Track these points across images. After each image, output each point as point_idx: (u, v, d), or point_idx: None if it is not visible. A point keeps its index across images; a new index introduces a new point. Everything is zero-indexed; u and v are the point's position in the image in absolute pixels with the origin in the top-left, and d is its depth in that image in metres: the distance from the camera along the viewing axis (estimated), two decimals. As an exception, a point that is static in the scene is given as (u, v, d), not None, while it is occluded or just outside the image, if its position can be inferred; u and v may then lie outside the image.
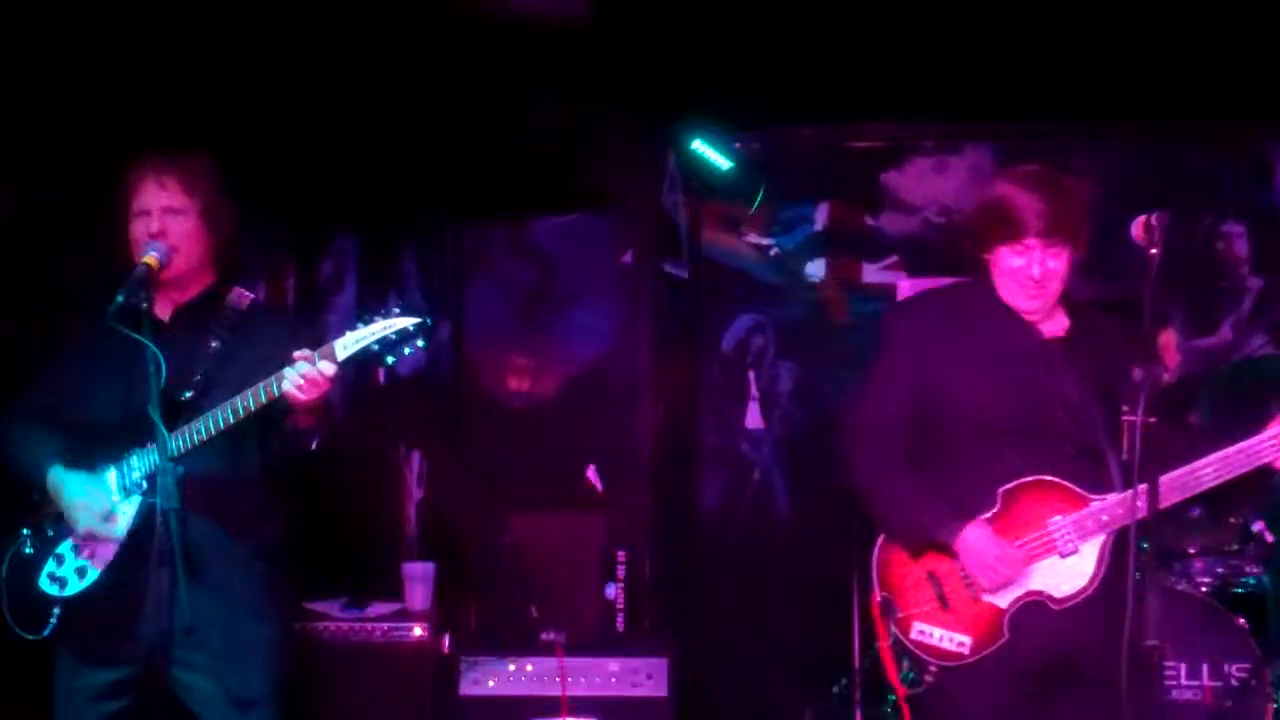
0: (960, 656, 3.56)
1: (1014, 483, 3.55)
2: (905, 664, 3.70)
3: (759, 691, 6.14)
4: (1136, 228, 3.39)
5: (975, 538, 3.54)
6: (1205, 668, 4.89)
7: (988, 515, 3.57)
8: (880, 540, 3.76)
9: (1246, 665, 4.85)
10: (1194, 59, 5.37)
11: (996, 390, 3.58)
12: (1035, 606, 3.53)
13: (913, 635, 3.63)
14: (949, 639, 3.58)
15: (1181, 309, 6.09)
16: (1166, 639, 3.22)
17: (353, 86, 5.40)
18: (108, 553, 3.59)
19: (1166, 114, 5.91)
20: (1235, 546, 5.20)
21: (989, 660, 3.55)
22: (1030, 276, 3.58)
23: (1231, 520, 5.23)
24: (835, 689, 5.74)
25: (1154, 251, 3.33)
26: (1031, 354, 3.62)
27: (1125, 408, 3.36)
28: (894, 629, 3.67)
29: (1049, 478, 3.53)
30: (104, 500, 3.61)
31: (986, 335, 3.65)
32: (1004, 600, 3.54)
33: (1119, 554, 3.49)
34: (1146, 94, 5.69)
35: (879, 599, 3.71)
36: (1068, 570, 3.49)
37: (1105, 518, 3.49)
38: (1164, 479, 3.42)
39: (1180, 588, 5.03)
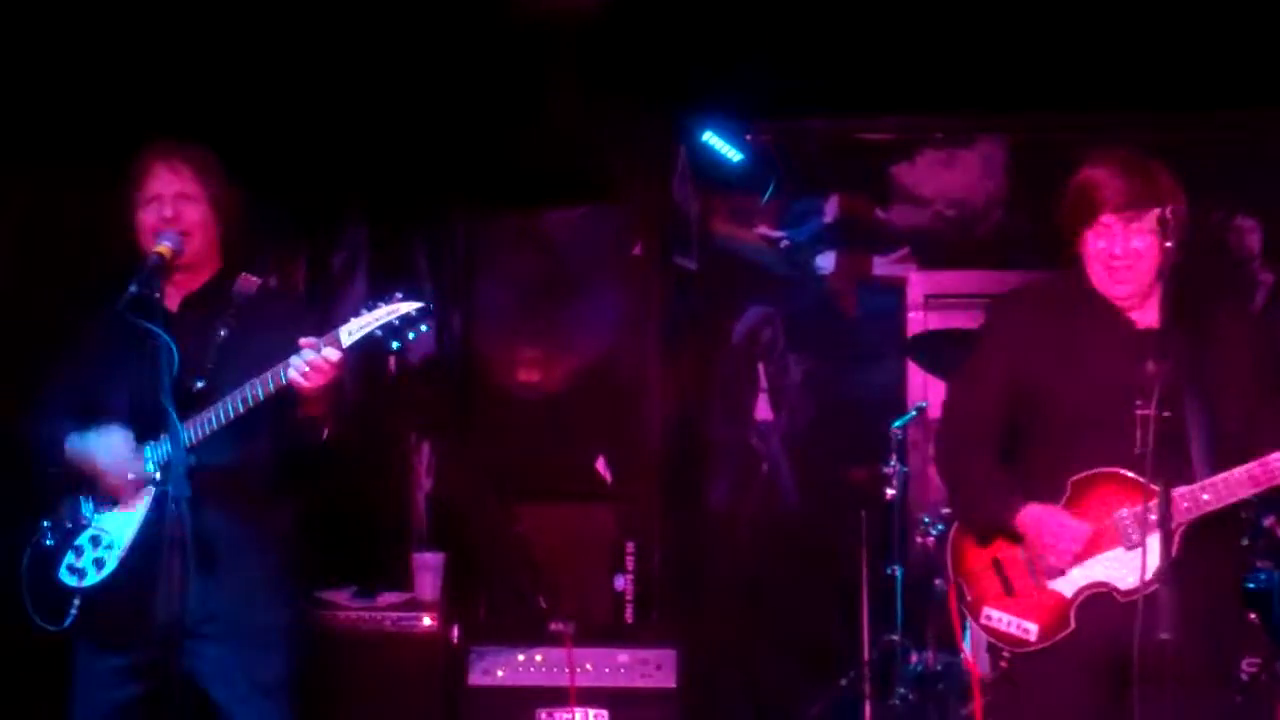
0: (1026, 643, 3.53)
1: (1084, 473, 3.49)
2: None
3: (767, 683, 6.15)
4: (1151, 221, 3.37)
5: (1035, 512, 3.50)
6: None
7: (1057, 505, 3.52)
8: (955, 528, 3.75)
9: (1257, 660, 4.84)
10: (1206, 51, 5.36)
11: (1082, 382, 3.52)
12: (1102, 598, 3.46)
13: (982, 620, 3.61)
14: (1016, 624, 3.55)
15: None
16: (1181, 633, 3.12)
17: (364, 78, 5.40)
18: (125, 537, 3.59)
19: (1178, 106, 5.90)
20: (1245, 541, 5.19)
21: (1057, 649, 3.50)
22: (1112, 255, 3.49)
23: (1242, 515, 5.22)
24: (843, 681, 5.74)
25: (1169, 245, 3.31)
26: (1121, 345, 3.52)
27: (1139, 402, 3.33)
28: (966, 613, 3.65)
29: (1120, 470, 3.46)
30: (127, 444, 3.62)
31: (1076, 326, 3.58)
32: (1069, 589, 3.49)
33: (1192, 550, 3.37)
34: (1158, 87, 5.68)
35: (953, 584, 3.70)
36: (1133, 563, 3.39)
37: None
38: (1239, 469, 3.36)
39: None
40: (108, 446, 3.62)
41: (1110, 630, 3.42)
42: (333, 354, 3.40)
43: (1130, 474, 3.43)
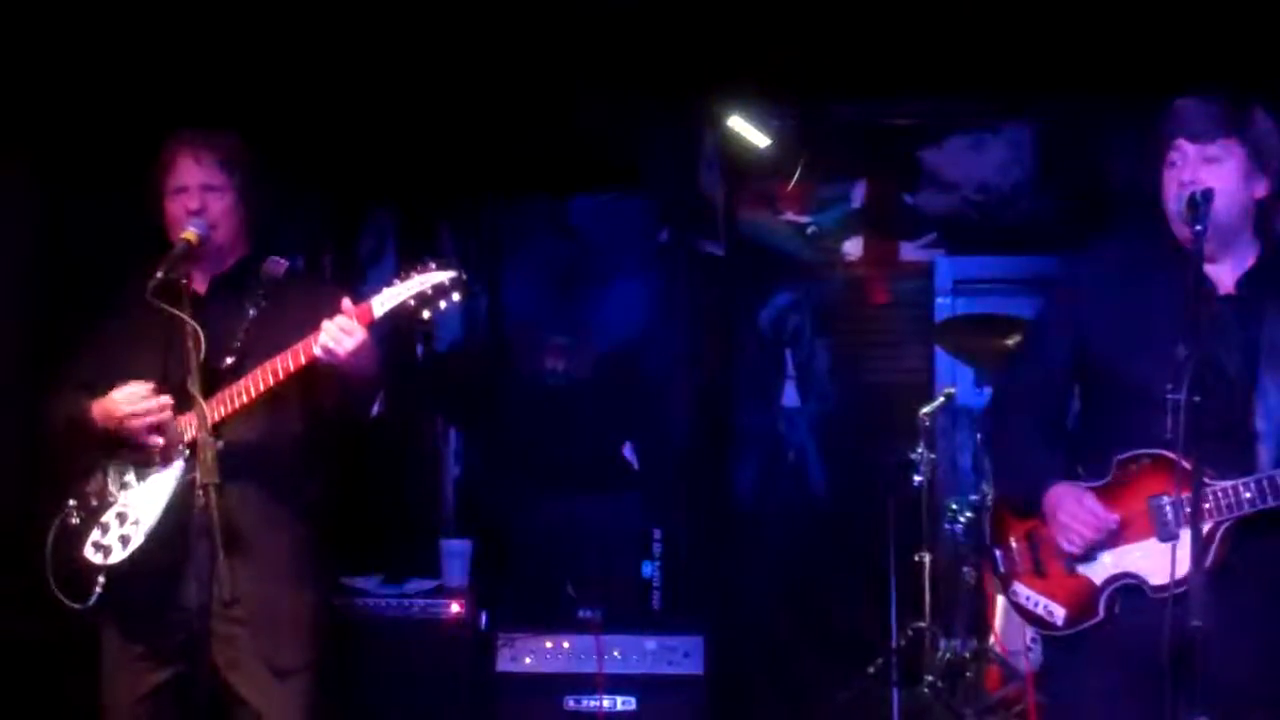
0: (1053, 626, 3.36)
1: (1130, 453, 3.23)
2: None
3: (795, 670, 6.14)
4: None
5: (1059, 491, 3.29)
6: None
7: (1098, 484, 3.29)
8: (998, 496, 3.66)
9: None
10: (1235, 30, 5.31)
11: (1147, 352, 3.20)
12: (1134, 591, 3.24)
13: (1010, 595, 3.46)
14: (1043, 606, 3.37)
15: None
16: (1212, 622, 2.86)
17: (391, 64, 5.40)
18: (152, 514, 3.58)
19: (1210, 88, 5.84)
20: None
21: (1085, 637, 3.30)
22: (1180, 182, 3.18)
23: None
24: (871, 669, 5.73)
25: (1198, 228, 3.10)
26: (1198, 312, 3.16)
27: (1170, 386, 3.04)
28: (999, 584, 3.51)
29: (1169, 454, 3.13)
30: (146, 390, 3.59)
31: (1151, 289, 3.29)
32: (1098, 577, 3.28)
33: (1243, 546, 3.08)
34: (1187, 68, 5.63)
35: (989, 553, 3.59)
36: (1167, 557, 3.09)
37: (1209, 505, 3.05)
38: None
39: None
40: (128, 396, 3.60)
41: (1143, 626, 3.16)
42: (360, 330, 3.40)
43: (1178, 459, 3.08)
